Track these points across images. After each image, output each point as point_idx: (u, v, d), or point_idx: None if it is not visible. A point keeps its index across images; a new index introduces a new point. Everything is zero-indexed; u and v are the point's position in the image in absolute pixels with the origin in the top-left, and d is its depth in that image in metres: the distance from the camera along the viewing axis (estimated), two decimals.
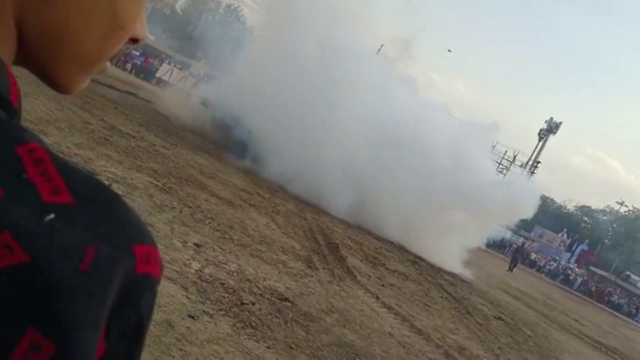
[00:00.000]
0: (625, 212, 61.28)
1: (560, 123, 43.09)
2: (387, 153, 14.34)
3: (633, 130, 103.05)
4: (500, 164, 41.39)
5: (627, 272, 50.39)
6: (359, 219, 13.93)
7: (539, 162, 43.32)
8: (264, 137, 14.56)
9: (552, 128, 43.13)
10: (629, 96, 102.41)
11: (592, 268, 49.74)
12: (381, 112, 15.11)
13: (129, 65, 32.55)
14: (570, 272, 44.23)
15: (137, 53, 34.44)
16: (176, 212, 6.89)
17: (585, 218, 64.94)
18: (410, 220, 14.21)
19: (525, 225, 43.80)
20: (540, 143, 43.75)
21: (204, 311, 4.41)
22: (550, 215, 55.60)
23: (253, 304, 5.09)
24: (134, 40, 0.53)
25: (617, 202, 63.04)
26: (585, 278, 44.55)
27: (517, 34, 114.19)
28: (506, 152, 44.54)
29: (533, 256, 42.96)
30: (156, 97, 20.08)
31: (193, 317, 4.20)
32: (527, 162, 43.49)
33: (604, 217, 64.42)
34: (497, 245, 42.97)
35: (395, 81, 17.35)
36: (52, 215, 0.40)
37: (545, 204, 52.52)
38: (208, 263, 5.62)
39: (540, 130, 43.60)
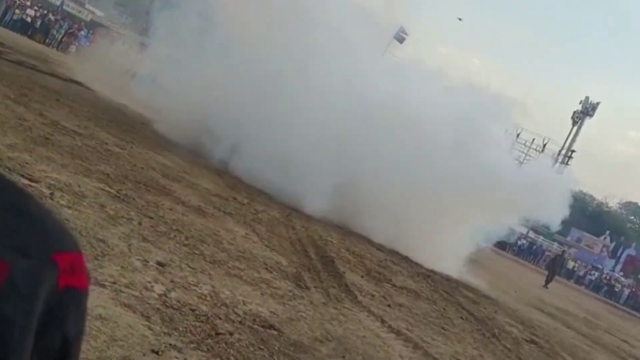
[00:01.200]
0: None
1: (598, 103, 43.44)
2: (368, 131, 14.11)
3: None
4: (526, 154, 41.50)
5: None
6: (339, 216, 13.86)
7: (573, 151, 43.56)
8: (220, 113, 14.68)
9: (587, 110, 43.46)
10: None
11: None
12: (359, 82, 14.97)
13: (73, 47, 32.40)
14: (615, 282, 44.55)
15: (83, 33, 34.24)
16: (134, 225, 6.85)
17: (632, 217, 65.42)
18: (401, 212, 13.95)
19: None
20: (575, 128, 44.05)
21: (170, 344, 4.38)
22: (589, 215, 55.97)
23: (231, 333, 5.06)
24: None
25: None
26: (633, 289, 44.85)
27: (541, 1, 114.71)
28: (534, 139, 44.48)
29: (571, 265, 43.20)
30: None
31: (157, 353, 4.16)
32: (560, 151, 43.69)
33: None
34: (526, 253, 43.16)
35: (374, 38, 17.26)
36: None
37: (583, 201, 52.89)
38: (174, 285, 5.58)
39: (574, 112, 43.89)
